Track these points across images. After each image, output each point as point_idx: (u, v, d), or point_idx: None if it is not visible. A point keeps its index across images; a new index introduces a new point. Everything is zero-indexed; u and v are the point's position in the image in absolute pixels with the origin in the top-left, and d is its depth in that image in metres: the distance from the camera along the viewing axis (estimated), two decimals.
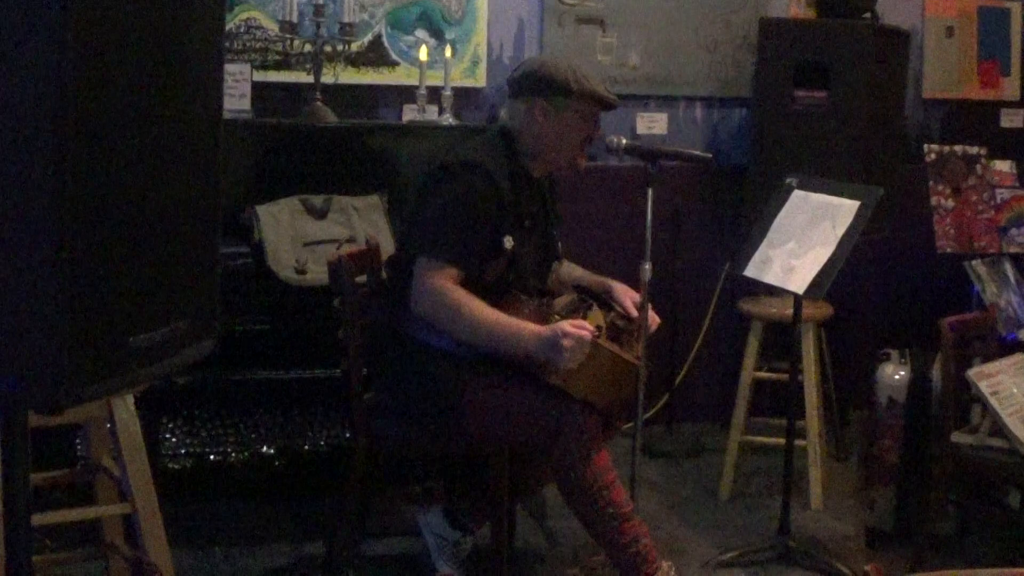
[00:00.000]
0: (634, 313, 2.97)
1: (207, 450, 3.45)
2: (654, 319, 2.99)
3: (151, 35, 1.35)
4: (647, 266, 2.90)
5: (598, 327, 2.83)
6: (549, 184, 3.02)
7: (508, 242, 2.75)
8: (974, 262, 4.05)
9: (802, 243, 3.12)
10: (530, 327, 2.65)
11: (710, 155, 3.11)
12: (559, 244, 3.02)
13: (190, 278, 1.51)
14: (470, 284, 2.71)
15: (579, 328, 2.61)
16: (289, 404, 3.50)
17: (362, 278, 2.92)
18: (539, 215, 2.92)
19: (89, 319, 1.29)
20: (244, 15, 3.89)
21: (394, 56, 4.08)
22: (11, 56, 1.22)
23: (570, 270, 3.15)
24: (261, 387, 3.40)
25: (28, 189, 1.24)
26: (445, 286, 2.66)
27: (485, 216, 2.70)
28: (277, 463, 3.51)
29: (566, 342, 2.59)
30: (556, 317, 2.69)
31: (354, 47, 3.93)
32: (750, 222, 3.57)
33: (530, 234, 2.86)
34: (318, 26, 3.68)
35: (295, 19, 3.63)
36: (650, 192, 2.89)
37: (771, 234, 3.22)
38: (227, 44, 3.74)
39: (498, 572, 2.88)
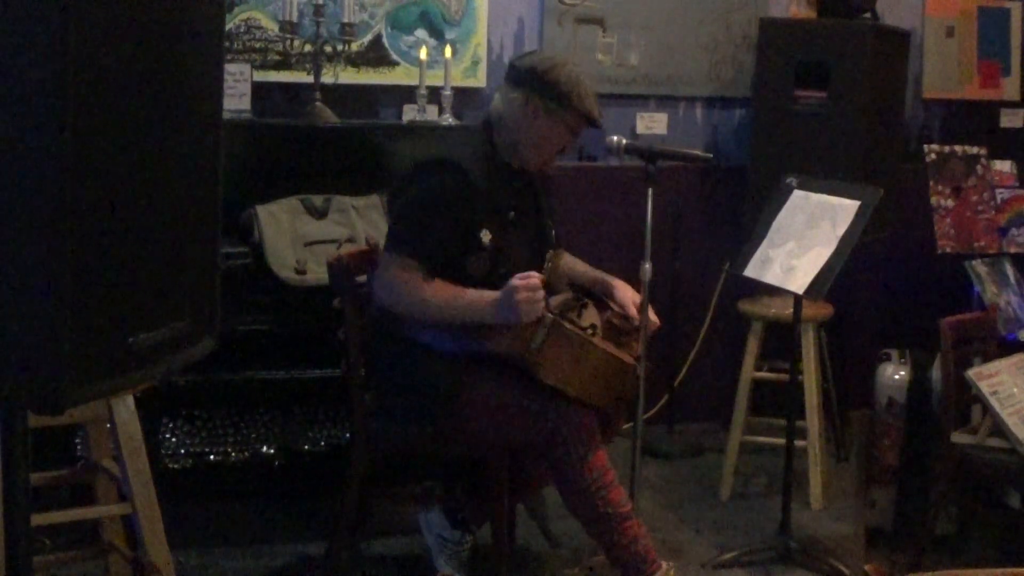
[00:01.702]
0: (635, 315, 2.96)
1: (207, 450, 3.45)
2: (654, 322, 2.98)
3: (151, 35, 1.35)
4: (647, 266, 2.90)
5: (592, 326, 2.84)
6: (541, 177, 3.02)
7: (485, 236, 2.75)
8: (974, 262, 4.05)
9: (802, 243, 3.12)
10: (485, 294, 2.67)
11: (710, 155, 3.11)
12: (552, 234, 3.01)
13: (190, 278, 1.51)
14: (452, 278, 2.71)
15: (525, 278, 2.62)
16: (289, 404, 3.50)
17: (362, 278, 2.92)
18: (527, 207, 2.92)
19: (89, 319, 1.29)
20: (244, 15, 3.88)
21: (394, 56, 4.08)
22: (11, 56, 1.22)
23: (573, 264, 3.15)
24: (261, 387, 3.40)
25: (28, 189, 1.24)
26: (400, 275, 2.69)
27: (452, 211, 2.72)
28: (277, 463, 3.51)
29: (518, 296, 2.60)
30: (549, 316, 2.68)
31: (354, 47, 3.93)
32: (750, 222, 3.57)
33: (516, 226, 2.85)
34: (318, 26, 3.68)
35: (295, 19, 3.63)
36: (650, 192, 2.89)
37: (771, 234, 3.22)
38: (227, 44, 3.74)
39: (498, 572, 2.88)
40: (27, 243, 1.25)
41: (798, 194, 3.26)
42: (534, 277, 2.63)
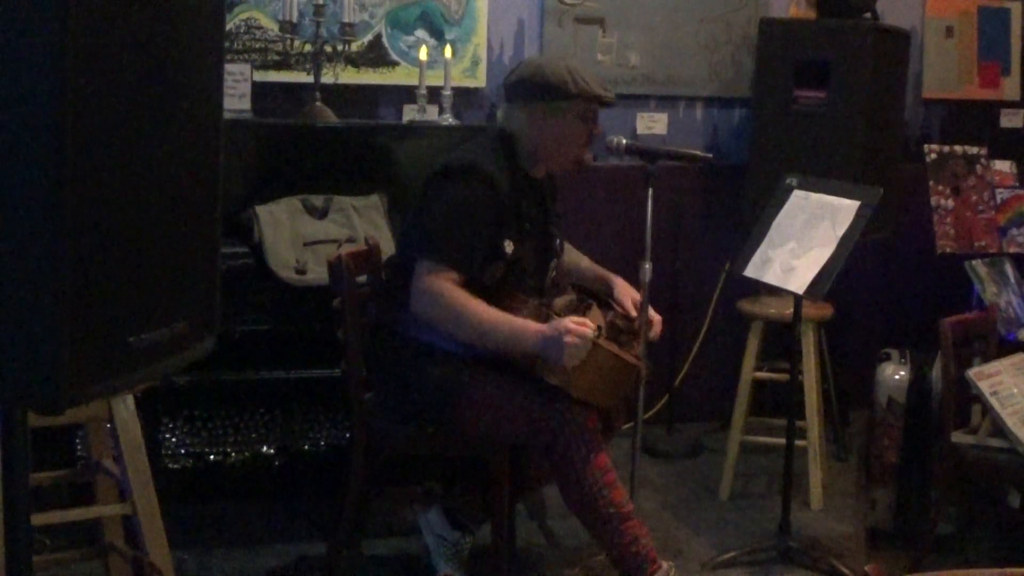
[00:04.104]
0: (634, 314, 2.97)
1: (207, 450, 3.45)
2: (657, 325, 2.98)
3: (151, 35, 1.35)
4: (647, 266, 2.90)
5: (598, 327, 2.83)
6: (550, 184, 3.02)
7: (508, 246, 2.75)
8: (974, 262, 4.05)
9: (802, 243, 3.12)
10: (532, 325, 2.65)
11: (710, 155, 3.11)
12: (557, 242, 3.02)
13: (190, 278, 1.51)
14: (468, 286, 2.71)
15: (581, 325, 2.61)
16: (289, 404, 3.50)
17: (362, 278, 2.92)
18: (538, 216, 2.92)
19: (89, 319, 1.29)
20: (244, 15, 3.88)
21: (394, 56, 4.08)
22: (11, 56, 1.22)
23: (577, 260, 3.15)
24: (261, 387, 3.40)
25: (28, 189, 1.24)
26: (444, 287, 2.66)
27: (485, 220, 2.71)
28: (277, 463, 3.51)
29: (568, 339, 2.59)
30: (555, 316, 2.69)
31: (354, 47, 3.93)
32: (750, 222, 3.57)
33: (529, 236, 2.86)
34: (318, 26, 3.68)
35: (295, 19, 3.63)
36: (650, 192, 2.89)
37: (771, 234, 3.22)
38: (227, 44, 3.73)
39: (498, 572, 2.88)
40: (27, 243, 1.25)
41: (798, 194, 3.26)
42: (589, 327, 2.61)
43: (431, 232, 2.74)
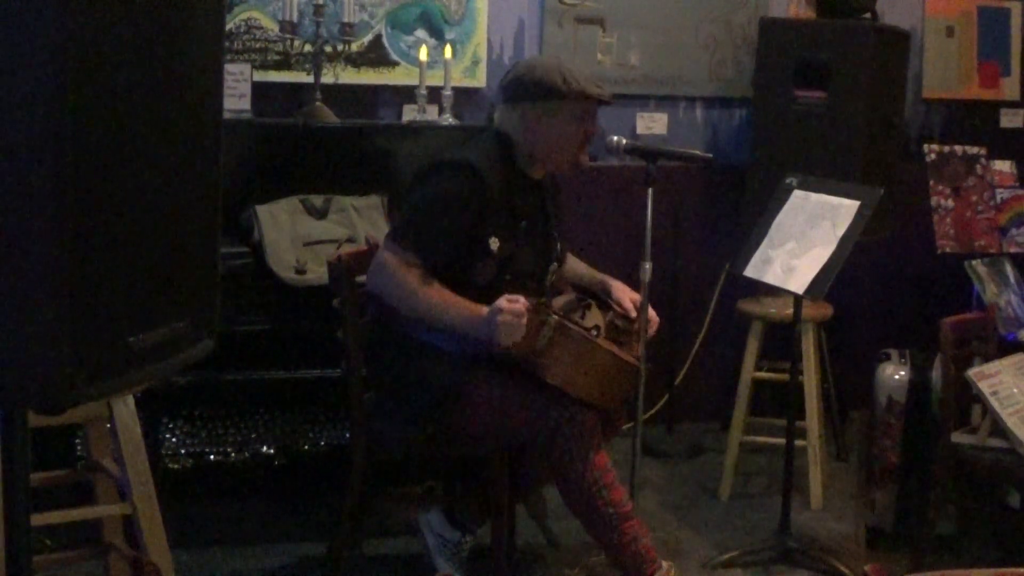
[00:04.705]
0: (633, 313, 2.97)
1: (207, 450, 3.45)
2: (654, 320, 2.99)
3: (151, 35, 1.35)
4: (647, 266, 2.90)
5: (596, 327, 2.84)
6: (552, 185, 3.02)
7: (494, 243, 2.74)
8: (974, 262, 4.04)
9: (802, 243, 3.12)
10: (471, 307, 2.66)
11: (710, 155, 3.11)
12: (559, 245, 3.02)
13: (190, 278, 1.51)
14: (462, 286, 2.72)
15: (512, 302, 2.61)
16: (289, 404, 3.50)
17: (362, 278, 2.92)
18: (537, 217, 2.92)
19: (89, 319, 1.29)
20: (244, 15, 3.88)
21: (394, 56, 4.08)
22: (10, 56, 1.22)
23: (574, 266, 3.15)
24: (261, 387, 3.40)
25: (28, 189, 1.24)
26: (399, 267, 2.69)
27: (464, 216, 2.71)
28: (277, 463, 3.51)
29: (500, 317, 2.59)
30: (553, 315, 2.69)
31: (354, 47, 3.93)
32: (750, 222, 3.57)
33: (527, 236, 2.86)
34: (318, 26, 3.68)
35: (295, 19, 3.63)
36: (650, 192, 2.89)
37: (771, 234, 3.22)
38: (227, 44, 3.73)
39: (498, 572, 2.88)
40: (27, 243, 1.25)
41: (798, 194, 3.26)
42: (520, 303, 2.61)
43: (405, 218, 2.78)
